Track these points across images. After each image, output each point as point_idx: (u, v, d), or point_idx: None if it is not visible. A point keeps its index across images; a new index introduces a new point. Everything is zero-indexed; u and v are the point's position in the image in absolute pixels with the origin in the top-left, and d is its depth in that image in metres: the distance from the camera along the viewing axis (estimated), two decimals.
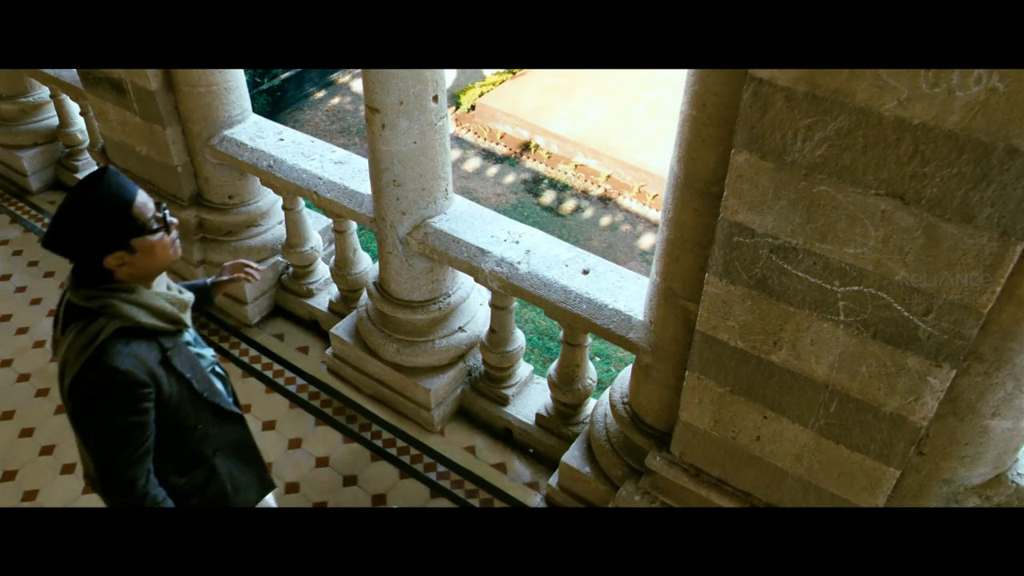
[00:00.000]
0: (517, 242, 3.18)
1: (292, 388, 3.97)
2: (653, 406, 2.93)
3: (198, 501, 2.23)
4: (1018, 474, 2.42)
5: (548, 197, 13.61)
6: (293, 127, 15.67)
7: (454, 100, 15.45)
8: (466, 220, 3.30)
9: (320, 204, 3.64)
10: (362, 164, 3.63)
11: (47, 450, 3.71)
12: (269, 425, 3.79)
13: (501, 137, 14.69)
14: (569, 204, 13.46)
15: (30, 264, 4.74)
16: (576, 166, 13.92)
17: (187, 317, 2.12)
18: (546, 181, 13.94)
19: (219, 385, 2.29)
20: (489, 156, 14.49)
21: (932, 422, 2.27)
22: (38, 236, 4.96)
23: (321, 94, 16.12)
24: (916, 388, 2.17)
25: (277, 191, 3.91)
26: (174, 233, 2.03)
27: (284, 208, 3.96)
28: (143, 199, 1.95)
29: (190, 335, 2.20)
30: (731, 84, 2.11)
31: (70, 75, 4.51)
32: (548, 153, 14.22)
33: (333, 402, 3.90)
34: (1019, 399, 2.15)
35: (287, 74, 15.43)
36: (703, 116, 2.23)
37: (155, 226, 1.95)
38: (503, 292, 3.20)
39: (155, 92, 3.78)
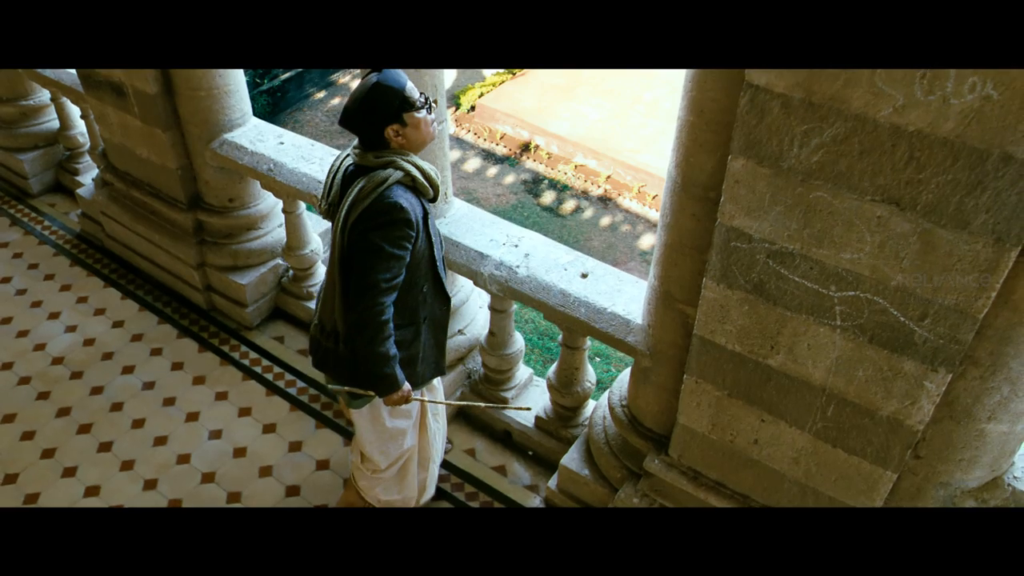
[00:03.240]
0: (516, 245, 3.19)
1: (292, 391, 3.98)
2: (651, 409, 2.94)
3: (399, 355, 2.62)
4: (1014, 477, 2.43)
5: (548, 197, 13.63)
6: (293, 128, 15.69)
7: (454, 101, 15.47)
8: (465, 223, 3.31)
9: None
10: None
11: (48, 453, 3.72)
12: (270, 428, 3.80)
13: (501, 138, 14.70)
14: (569, 204, 13.48)
15: (30, 267, 4.75)
16: (576, 166, 13.94)
17: (440, 191, 2.63)
18: (546, 181, 13.96)
19: (444, 268, 2.79)
20: (489, 157, 14.51)
21: (929, 426, 2.28)
22: (39, 239, 4.98)
23: (321, 95, 16.14)
24: (912, 392, 2.18)
25: (277, 194, 3.93)
26: (433, 114, 2.56)
27: (284, 211, 3.97)
28: (411, 85, 2.48)
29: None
30: (728, 90, 2.13)
31: (71, 79, 4.52)
32: (548, 153, 14.24)
33: (333, 405, 3.92)
34: (1015, 403, 2.16)
35: (287, 75, 15.45)
36: (700, 122, 2.25)
37: (420, 104, 2.48)
38: (502, 296, 3.21)
39: (155, 96, 3.79)
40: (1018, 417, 2.21)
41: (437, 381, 3.07)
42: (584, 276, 3.05)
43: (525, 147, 14.46)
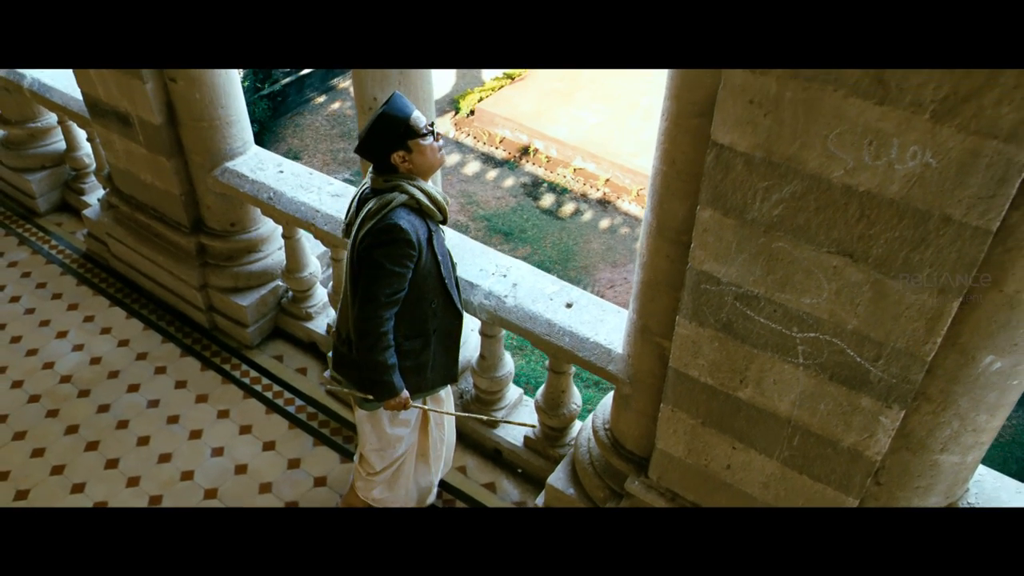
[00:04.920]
0: (504, 275, 3.34)
1: (291, 409, 4.13)
2: (632, 433, 3.09)
3: (406, 364, 2.86)
4: (968, 503, 2.58)
5: (547, 200, 13.76)
6: (294, 131, 15.78)
7: (453, 105, 15.60)
8: (456, 253, 3.44)
9: (318, 235, 3.80)
10: None
11: (57, 469, 3.87)
12: (269, 445, 3.95)
13: (500, 141, 14.82)
14: (568, 207, 13.60)
15: (39, 286, 4.90)
16: (575, 170, 14.06)
17: (448, 214, 2.82)
18: (545, 184, 14.09)
19: (455, 284, 2.96)
20: (488, 160, 14.64)
21: (887, 455, 2.43)
22: (46, 258, 5.13)
23: (322, 99, 16.27)
24: (870, 426, 2.33)
25: (277, 221, 4.07)
26: (440, 141, 2.74)
27: (284, 236, 4.12)
28: (417, 114, 2.67)
29: (445, 234, 2.95)
30: (697, 144, 2.27)
31: (77, 105, 4.67)
32: (547, 157, 14.36)
33: (330, 422, 4.07)
34: (964, 436, 2.31)
35: (288, 79, 15.56)
36: (672, 171, 2.40)
37: (425, 132, 2.66)
38: (491, 323, 3.36)
39: (160, 126, 3.94)
40: (968, 449, 2.36)
41: (445, 394, 3.24)
42: (569, 306, 3.20)
43: (524, 151, 14.58)
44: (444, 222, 2.85)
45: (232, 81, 3.89)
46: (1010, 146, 1.71)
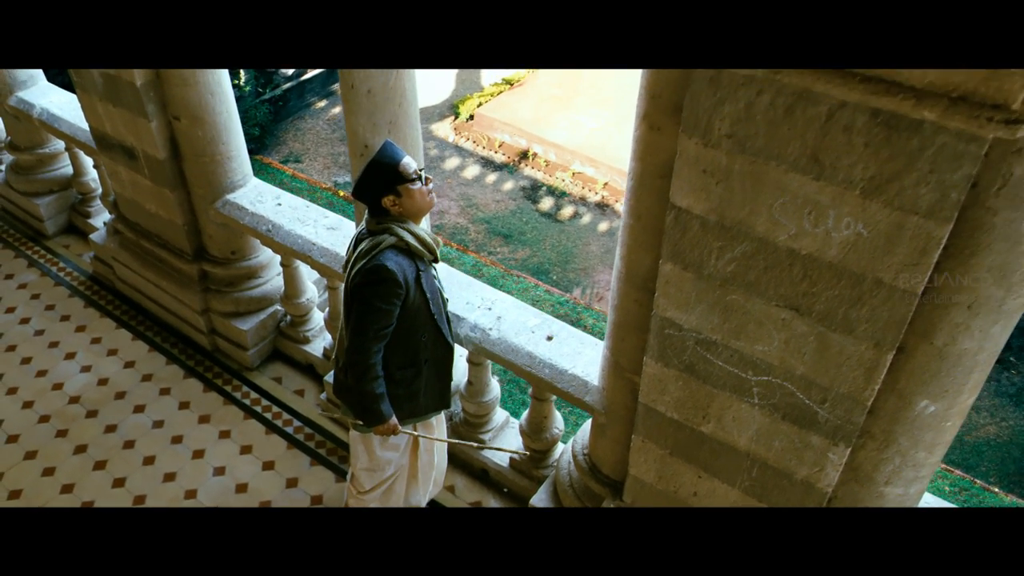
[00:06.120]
0: (490, 309, 3.53)
1: (289, 430, 4.33)
2: (608, 459, 3.29)
3: (400, 392, 3.07)
4: None
5: (546, 204, 13.94)
6: (295, 135, 15.90)
7: (453, 110, 15.79)
8: (444, 286, 3.64)
9: (315, 267, 4.00)
10: (352, 229, 3.98)
11: (67, 488, 4.07)
12: (268, 465, 4.16)
13: (500, 146, 14.99)
14: (567, 210, 13.78)
15: (47, 308, 5.10)
16: (574, 173, 14.22)
17: (438, 254, 3.00)
18: (544, 188, 14.28)
19: (445, 318, 3.13)
20: (488, 164, 14.81)
21: (838, 487, 2.62)
22: (55, 280, 5.34)
23: (323, 103, 16.44)
24: (820, 460, 2.53)
25: (275, 252, 4.27)
26: (430, 185, 2.90)
27: (282, 264, 4.31)
28: (407, 160, 2.84)
29: (438, 272, 3.14)
30: (659, 202, 2.46)
31: (84, 135, 4.87)
32: (546, 161, 14.53)
33: (327, 443, 4.27)
34: (906, 471, 2.50)
35: (289, 84, 15.73)
36: (639, 225, 2.59)
37: (413, 177, 2.83)
38: (477, 354, 3.56)
39: (164, 160, 4.14)
40: (910, 482, 2.55)
41: (436, 421, 3.42)
42: (550, 339, 3.39)
43: (523, 155, 14.75)
44: (435, 261, 3.04)
45: (232, 119, 4.08)
46: (929, 222, 1.91)
